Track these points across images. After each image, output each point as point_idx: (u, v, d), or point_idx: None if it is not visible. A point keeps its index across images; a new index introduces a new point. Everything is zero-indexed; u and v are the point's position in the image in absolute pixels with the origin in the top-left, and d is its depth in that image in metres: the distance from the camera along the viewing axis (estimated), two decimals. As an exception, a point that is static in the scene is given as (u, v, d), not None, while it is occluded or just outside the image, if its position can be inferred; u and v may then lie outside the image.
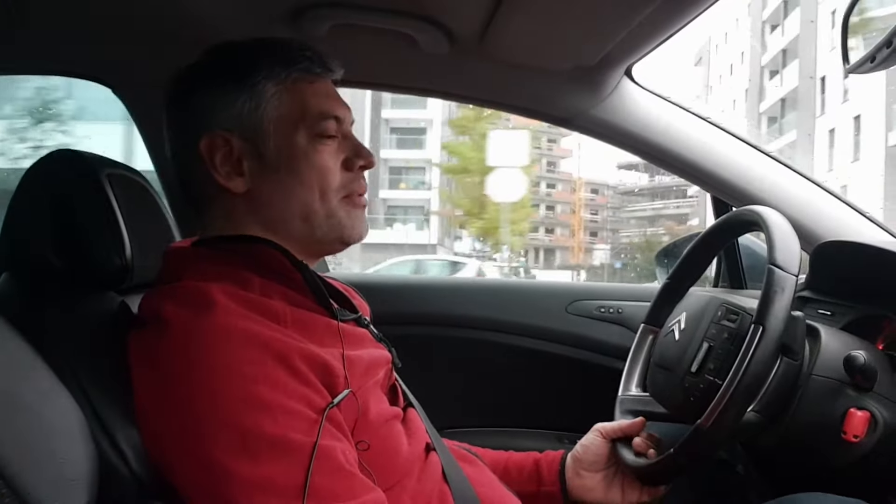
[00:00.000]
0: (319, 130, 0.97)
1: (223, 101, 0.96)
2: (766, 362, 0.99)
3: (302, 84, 0.98)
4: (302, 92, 0.97)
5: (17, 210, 1.02)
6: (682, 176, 1.66)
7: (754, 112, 30.31)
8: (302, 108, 0.97)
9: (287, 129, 0.96)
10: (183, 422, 0.80)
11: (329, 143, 0.98)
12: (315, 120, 0.97)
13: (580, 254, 35.29)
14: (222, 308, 0.84)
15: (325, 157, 0.97)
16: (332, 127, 0.98)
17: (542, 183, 40.85)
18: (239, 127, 0.95)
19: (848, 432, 1.04)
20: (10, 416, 0.67)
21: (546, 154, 40.73)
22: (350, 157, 1.00)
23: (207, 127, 0.96)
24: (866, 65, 1.07)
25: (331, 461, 0.80)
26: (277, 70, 0.96)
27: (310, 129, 0.96)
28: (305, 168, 0.96)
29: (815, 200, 1.57)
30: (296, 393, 0.82)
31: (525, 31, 1.34)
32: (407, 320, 1.87)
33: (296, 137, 0.96)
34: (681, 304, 1.26)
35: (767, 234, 1.06)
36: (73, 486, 0.70)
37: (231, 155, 0.95)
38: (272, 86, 0.96)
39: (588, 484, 1.19)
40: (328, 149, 0.98)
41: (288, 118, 0.96)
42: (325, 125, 0.97)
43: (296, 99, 0.97)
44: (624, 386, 1.32)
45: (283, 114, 0.96)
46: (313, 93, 0.98)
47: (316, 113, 0.97)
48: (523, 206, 28.68)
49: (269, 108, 0.96)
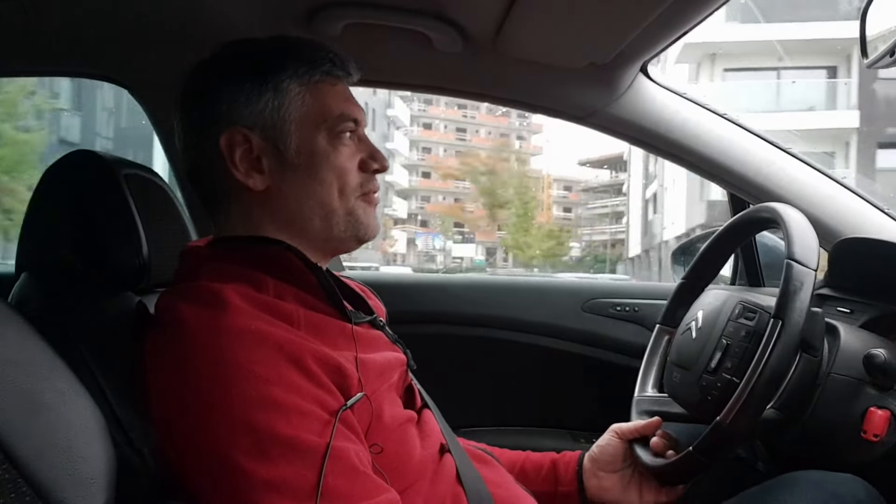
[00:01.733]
0: (339, 131, 0.99)
1: (245, 98, 0.96)
2: (786, 357, 0.98)
3: (324, 86, 0.99)
4: (324, 93, 0.99)
5: (36, 211, 1.03)
6: (699, 173, 1.65)
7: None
8: (323, 110, 0.98)
9: (308, 130, 0.97)
10: (196, 421, 0.80)
11: (347, 143, 0.99)
12: (335, 121, 0.98)
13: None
14: (236, 309, 0.85)
15: (344, 158, 0.99)
16: (350, 128, 1.00)
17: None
18: (260, 125, 0.96)
19: (868, 431, 1.03)
20: (29, 414, 0.67)
21: (515, 152, 40.95)
22: (365, 159, 1.01)
23: (228, 123, 0.96)
24: (885, 59, 1.06)
25: (344, 462, 0.81)
26: (302, 71, 0.98)
27: (330, 130, 0.98)
28: (325, 168, 0.97)
29: (834, 197, 1.55)
30: (309, 394, 0.82)
31: (539, 29, 1.33)
32: (422, 319, 1.87)
33: (317, 138, 0.97)
34: (698, 303, 1.25)
35: (785, 230, 1.05)
36: (92, 485, 0.70)
37: (251, 152, 0.96)
38: (296, 86, 0.97)
39: (605, 485, 1.19)
40: (347, 150, 0.99)
41: (310, 118, 0.98)
42: (344, 126, 0.99)
43: (318, 100, 0.98)
44: (640, 386, 1.31)
45: (305, 114, 0.97)
46: (334, 95, 1.00)
47: (337, 115, 0.99)
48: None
49: (293, 107, 0.97)
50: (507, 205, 30.59)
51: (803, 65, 16.37)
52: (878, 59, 1.08)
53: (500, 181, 32.26)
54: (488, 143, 40.78)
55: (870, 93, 15.44)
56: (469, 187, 37.70)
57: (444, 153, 40.80)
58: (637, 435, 1.19)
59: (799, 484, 1.03)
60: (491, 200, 31.51)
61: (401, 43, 1.45)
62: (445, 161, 40.20)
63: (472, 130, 41.49)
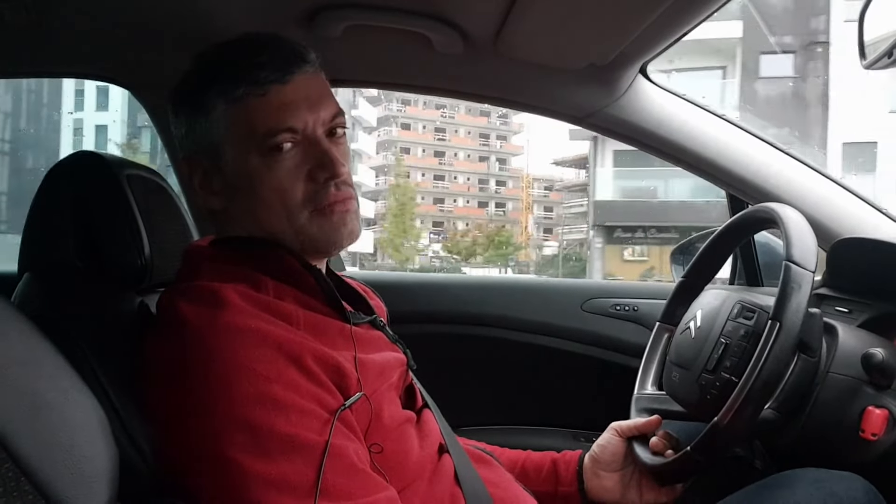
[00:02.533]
0: (270, 146, 0.91)
1: (188, 124, 0.96)
2: (782, 359, 0.98)
3: (250, 99, 0.91)
4: (249, 108, 0.91)
5: (39, 211, 1.04)
6: (698, 174, 1.65)
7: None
8: (250, 127, 0.91)
9: (239, 150, 0.92)
10: (197, 419, 0.80)
11: (285, 157, 0.92)
12: (263, 138, 0.91)
13: (528, 251, 35.30)
14: (235, 308, 0.85)
15: (281, 175, 0.92)
16: (285, 139, 0.91)
17: (491, 180, 41.29)
18: (201, 150, 0.96)
19: (866, 430, 1.04)
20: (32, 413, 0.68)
21: (496, 151, 41.09)
22: (313, 169, 0.93)
23: (183, 150, 0.98)
24: (883, 60, 1.07)
25: (343, 460, 0.81)
26: (223, 87, 0.92)
27: (259, 147, 0.91)
28: (263, 188, 0.92)
29: (833, 197, 1.55)
30: (308, 393, 0.82)
31: (539, 31, 1.34)
32: (422, 318, 1.87)
33: (248, 157, 0.92)
34: (697, 302, 1.26)
35: (784, 231, 1.06)
36: (94, 483, 0.71)
37: (207, 176, 0.96)
38: (220, 103, 0.92)
39: (606, 484, 1.19)
40: (284, 164, 0.92)
41: (237, 138, 0.92)
42: (275, 141, 0.91)
43: (243, 117, 0.91)
44: (639, 384, 1.32)
45: (233, 133, 0.92)
46: (262, 107, 0.91)
47: (263, 130, 0.91)
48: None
49: (220, 128, 0.93)
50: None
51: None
52: (876, 60, 1.09)
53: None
54: (468, 143, 40.96)
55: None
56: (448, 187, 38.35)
57: (423, 153, 40.80)
58: (636, 433, 1.19)
59: (797, 482, 1.03)
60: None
61: (401, 44, 1.46)
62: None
63: (451, 130, 41.46)
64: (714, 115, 1.61)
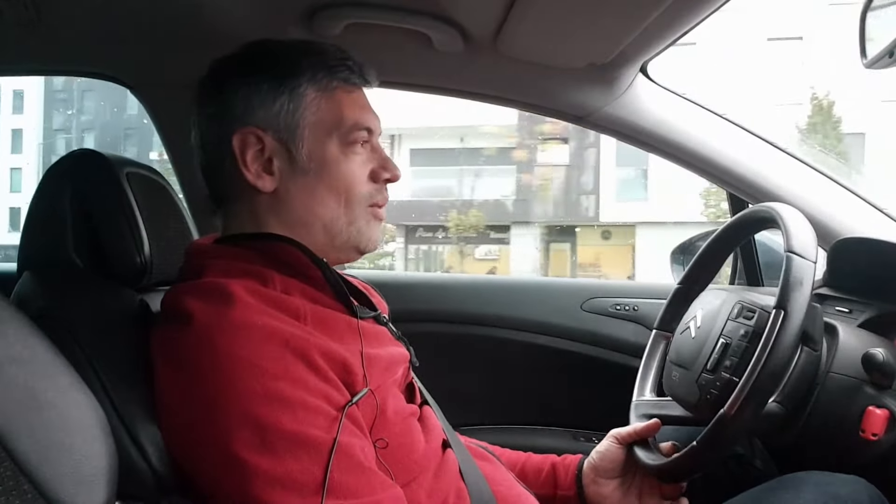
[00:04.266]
0: (352, 140, 0.98)
1: (261, 99, 0.96)
2: (788, 348, 0.98)
3: (340, 92, 0.99)
4: (340, 100, 0.98)
5: (38, 209, 1.03)
6: (699, 173, 1.65)
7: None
8: (338, 117, 0.98)
9: (321, 135, 0.97)
10: (204, 416, 0.80)
11: (360, 152, 0.99)
12: (349, 129, 0.98)
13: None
14: (243, 304, 0.85)
15: (354, 167, 0.98)
16: (363, 137, 0.99)
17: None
18: (274, 127, 0.96)
19: (867, 430, 1.04)
20: (31, 412, 0.68)
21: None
22: (376, 169, 1.01)
23: (242, 122, 0.96)
24: (884, 59, 1.06)
25: (350, 458, 0.81)
26: (320, 76, 0.98)
27: (343, 137, 0.98)
28: (335, 175, 0.97)
29: (833, 197, 1.55)
30: (316, 389, 0.82)
31: (539, 29, 1.33)
32: (421, 317, 1.87)
33: (329, 144, 0.97)
34: (697, 302, 1.26)
35: (782, 225, 1.06)
36: (93, 482, 0.71)
37: (262, 153, 0.96)
38: (313, 91, 0.97)
39: (604, 491, 1.19)
40: (358, 158, 0.99)
41: (324, 124, 0.97)
42: (357, 135, 0.99)
43: (333, 107, 0.98)
44: (638, 390, 1.31)
45: (319, 119, 0.97)
46: (350, 102, 0.99)
47: (351, 123, 0.98)
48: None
49: (308, 112, 0.97)
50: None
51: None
52: (877, 60, 1.08)
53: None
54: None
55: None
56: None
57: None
58: (636, 438, 1.19)
59: (802, 485, 1.03)
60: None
61: (401, 43, 1.45)
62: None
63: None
64: (715, 114, 1.61)
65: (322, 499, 0.77)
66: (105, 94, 17.39)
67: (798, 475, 1.06)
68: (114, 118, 18.10)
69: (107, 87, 1.64)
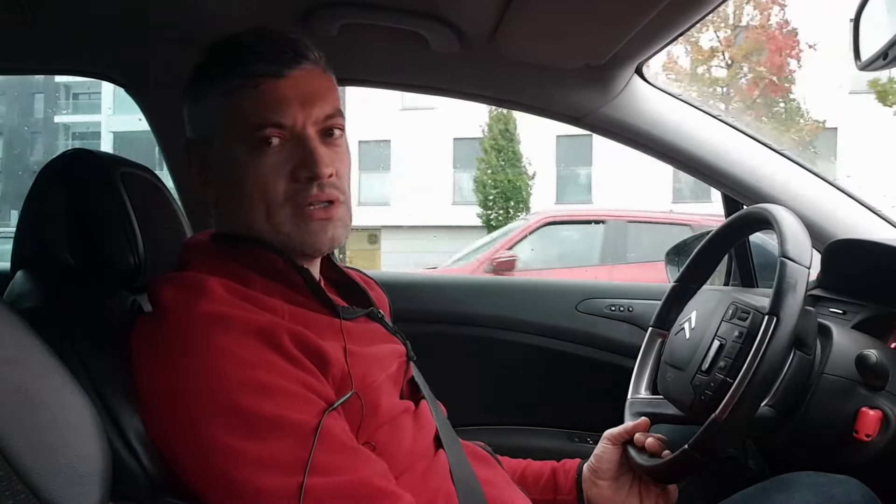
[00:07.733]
0: (259, 140, 0.90)
1: (189, 109, 0.97)
2: (780, 353, 0.98)
3: (244, 90, 0.90)
4: (243, 99, 0.90)
5: (32, 209, 1.03)
6: (693, 174, 1.66)
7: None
8: (241, 117, 0.90)
9: (229, 141, 0.92)
10: (183, 405, 0.81)
11: (270, 152, 0.90)
12: (252, 129, 0.90)
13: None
14: (216, 297, 0.85)
15: (265, 170, 0.90)
16: (272, 134, 0.90)
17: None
18: (198, 137, 0.96)
19: (860, 431, 1.04)
20: (24, 412, 0.68)
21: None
22: (296, 167, 0.91)
23: (191, 132, 0.98)
24: (878, 61, 1.07)
25: (333, 437, 0.82)
26: (219, 76, 0.92)
27: (247, 140, 0.90)
28: (247, 182, 0.91)
29: (827, 198, 1.56)
30: (292, 375, 0.83)
31: (535, 30, 1.34)
32: (416, 318, 1.86)
33: (237, 149, 0.91)
34: (692, 303, 1.26)
35: (777, 229, 1.06)
36: (86, 482, 0.70)
37: (202, 165, 0.96)
38: (215, 94, 0.92)
39: (604, 492, 1.18)
40: (269, 159, 0.90)
41: (229, 129, 0.92)
42: (261, 135, 0.90)
43: (236, 107, 0.91)
44: (633, 389, 1.31)
45: (224, 124, 0.92)
46: (255, 98, 0.90)
47: (252, 122, 0.90)
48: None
49: (214, 118, 0.93)
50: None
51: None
52: (871, 62, 1.09)
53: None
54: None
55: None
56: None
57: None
58: (628, 437, 1.19)
59: (796, 485, 1.03)
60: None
61: (397, 43, 1.46)
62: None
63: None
64: (710, 115, 1.61)
65: (304, 477, 0.77)
66: (12, 98, 17.75)
67: (791, 476, 1.06)
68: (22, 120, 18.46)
69: (12, 88, 1.65)
